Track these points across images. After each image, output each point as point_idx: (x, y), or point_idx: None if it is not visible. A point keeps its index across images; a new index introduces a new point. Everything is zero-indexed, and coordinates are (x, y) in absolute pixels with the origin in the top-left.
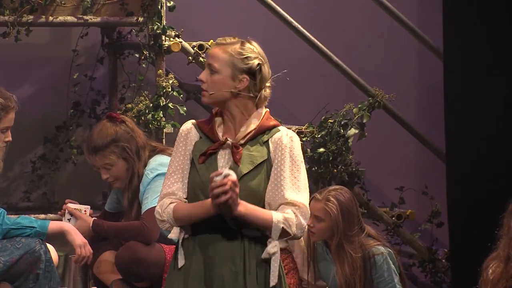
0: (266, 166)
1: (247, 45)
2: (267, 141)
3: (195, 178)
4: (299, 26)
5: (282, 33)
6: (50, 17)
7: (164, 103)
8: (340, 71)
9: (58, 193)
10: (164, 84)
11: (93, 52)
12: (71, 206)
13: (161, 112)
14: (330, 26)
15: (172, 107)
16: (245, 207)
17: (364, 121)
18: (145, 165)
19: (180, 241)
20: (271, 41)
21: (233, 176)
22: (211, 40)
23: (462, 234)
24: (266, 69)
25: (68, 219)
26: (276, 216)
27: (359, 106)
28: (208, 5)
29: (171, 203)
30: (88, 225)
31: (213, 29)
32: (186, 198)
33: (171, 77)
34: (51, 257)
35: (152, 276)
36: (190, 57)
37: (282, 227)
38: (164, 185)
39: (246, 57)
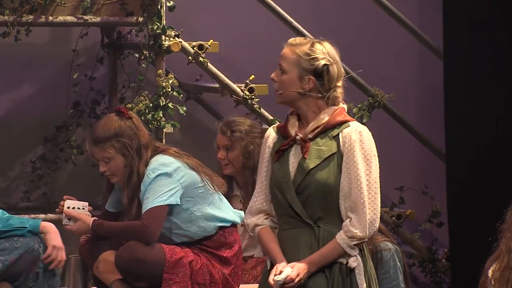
0: (336, 159)
1: (317, 45)
2: (337, 135)
3: (272, 176)
4: (299, 26)
5: (282, 33)
6: (50, 17)
7: (164, 103)
8: None
9: (58, 193)
10: (164, 84)
11: (93, 52)
12: (69, 202)
13: (161, 112)
14: (330, 26)
15: (172, 107)
16: (313, 265)
17: (364, 121)
18: (147, 165)
19: None
20: (271, 41)
21: (291, 274)
22: (211, 40)
23: (462, 234)
24: (334, 70)
25: (68, 219)
26: (342, 240)
27: (359, 106)
28: (208, 5)
29: (256, 225)
30: (88, 226)
31: (213, 29)
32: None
33: (171, 77)
34: None
35: (152, 276)
36: (190, 57)
37: (353, 244)
38: (253, 197)
39: (312, 58)
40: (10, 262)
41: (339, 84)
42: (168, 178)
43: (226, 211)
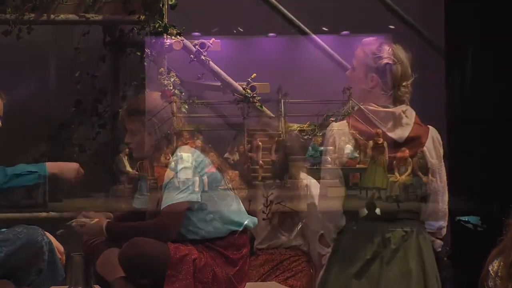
0: None
1: (385, 46)
2: None
3: None
4: (300, 24)
5: (282, 32)
6: (52, 15)
7: None
8: (341, 69)
9: (58, 192)
10: (165, 82)
11: (95, 50)
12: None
13: None
14: (331, 25)
15: None
16: None
17: None
18: (173, 153)
19: None
20: (271, 40)
21: None
22: (213, 39)
23: (462, 234)
24: (398, 69)
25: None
26: None
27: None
28: (210, 4)
29: None
30: (101, 227)
31: (214, 28)
32: None
33: (173, 75)
34: (54, 247)
35: (155, 273)
36: (191, 55)
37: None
38: None
39: (377, 57)
40: (11, 252)
41: (404, 84)
42: (192, 173)
43: (241, 216)
